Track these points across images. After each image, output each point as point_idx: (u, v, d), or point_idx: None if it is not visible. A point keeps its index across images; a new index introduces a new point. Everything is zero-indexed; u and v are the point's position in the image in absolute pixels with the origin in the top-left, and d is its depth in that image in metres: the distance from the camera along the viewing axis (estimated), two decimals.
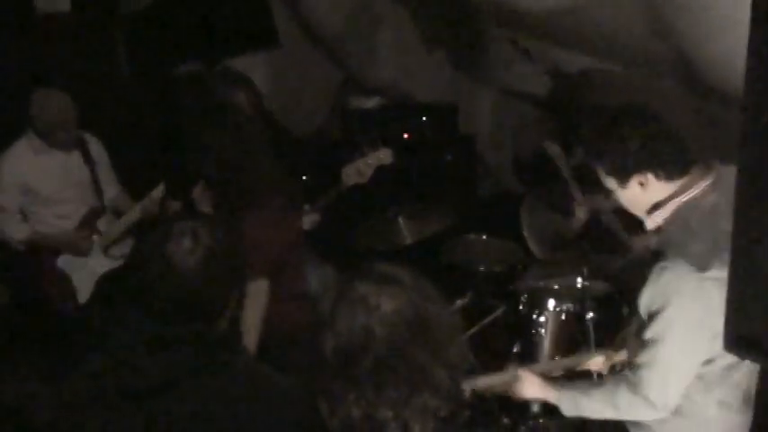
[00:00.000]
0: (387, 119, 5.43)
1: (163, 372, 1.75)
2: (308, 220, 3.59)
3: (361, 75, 5.53)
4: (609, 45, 3.61)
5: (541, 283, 3.55)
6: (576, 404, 2.33)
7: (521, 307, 3.41)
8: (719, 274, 1.99)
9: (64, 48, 5.01)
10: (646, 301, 2.20)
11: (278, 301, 2.97)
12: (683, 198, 2.18)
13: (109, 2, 5.19)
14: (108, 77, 5.22)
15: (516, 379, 2.45)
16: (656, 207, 2.22)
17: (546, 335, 3.23)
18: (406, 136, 5.33)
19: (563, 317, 3.28)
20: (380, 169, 3.65)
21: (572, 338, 3.24)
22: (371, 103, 5.57)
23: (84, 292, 4.04)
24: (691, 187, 2.18)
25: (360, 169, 3.58)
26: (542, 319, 3.29)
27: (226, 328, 1.94)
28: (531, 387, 2.43)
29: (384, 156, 3.63)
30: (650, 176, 2.19)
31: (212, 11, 5.12)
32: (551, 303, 3.32)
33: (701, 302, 2.09)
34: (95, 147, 4.10)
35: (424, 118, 5.35)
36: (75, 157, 3.99)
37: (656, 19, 3.21)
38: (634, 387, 2.19)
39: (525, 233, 4.15)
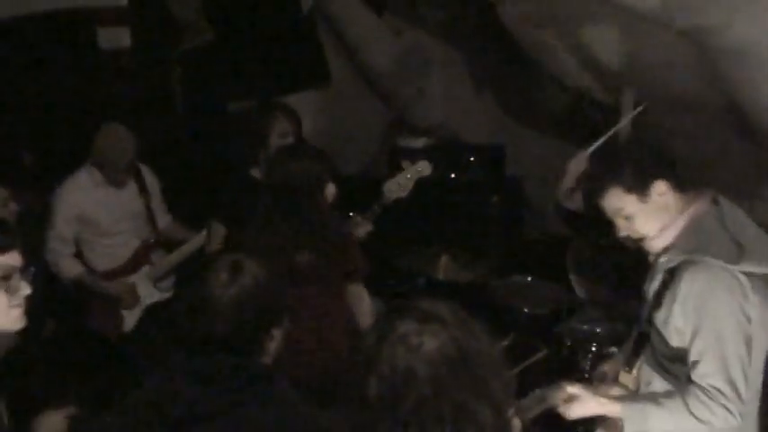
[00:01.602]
0: (434, 159, 5.45)
1: (204, 403, 1.77)
2: (362, 230, 3.64)
3: (410, 115, 5.58)
4: (662, 90, 3.61)
5: (585, 327, 3.52)
6: (645, 415, 2.25)
7: (564, 350, 3.38)
8: (752, 269, 2.12)
9: (124, 82, 5.15)
10: (678, 315, 2.22)
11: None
12: (691, 213, 2.28)
13: (168, 38, 5.34)
14: (163, 111, 5.35)
15: (569, 397, 2.38)
16: (662, 230, 2.31)
17: (589, 378, 3.20)
18: (453, 176, 5.36)
19: (606, 361, 3.24)
20: (427, 206, 3.67)
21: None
22: (420, 142, 5.62)
23: (130, 321, 4.09)
24: (690, 207, 2.30)
25: (400, 183, 3.62)
26: (586, 362, 3.26)
27: (268, 363, 1.97)
28: (588, 403, 2.34)
29: (423, 167, 3.66)
30: (668, 185, 2.29)
31: (266, 49, 5.23)
32: (595, 347, 3.29)
33: (738, 294, 2.14)
34: (149, 177, 4.16)
35: (471, 158, 5.37)
36: (132, 189, 4.05)
37: (710, 67, 3.21)
38: (708, 395, 2.17)
39: (571, 276, 4.12)
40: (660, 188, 2.29)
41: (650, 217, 2.32)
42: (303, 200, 3.03)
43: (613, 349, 3.24)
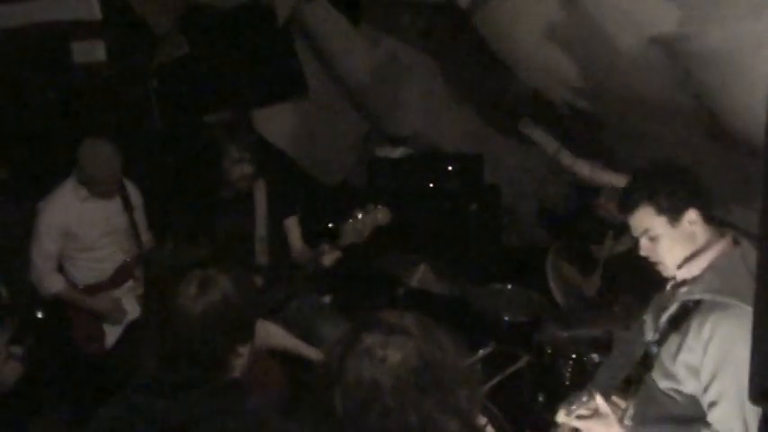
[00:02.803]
0: (412, 168, 5.48)
1: (173, 417, 1.77)
2: (329, 258, 3.63)
3: (387, 125, 5.59)
4: (632, 95, 3.63)
5: (566, 334, 3.53)
6: None
7: (545, 358, 3.39)
8: None
9: (99, 96, 5.13)
10: (695, 353, 2.18)
11: None
12: (718, 250, 2.28)
13: (144, 52, 5.32)
14: (141, 125, 5.32)
15: (596, 412, 2.36)
16: (687, 260, 2.30)
17: (570, 385, 3.20)
18: (431, 185, 5.37)
19: (587, 367, 3.25)
20: (406, 216, 3.66)
21: None
22: (398, 152, 5.63)
23: (111, 337, 4.06)
24: (716, 242, 2.29)
25: (357, 228, 3.60)
26: (566, 369, 3.26)
27: (238, 377, 1.96)
28: (612, 428, 2.33)
29: (382, 216, 3.64)
30: (699, 216, 2.29)
31: (243, 61, 5.23)
32: (575, 354, 3.30)
33: None
34: (133, 192, 4.15)
35: (449, 168, 5.39)
36: (116, 204, 4.03)
37: (681, 70, 3.23)
38: None
39: (551, 283, 4.14)
40: (692, 216, 2.29)
41: (676, 243, 2.32)
42: None
43: (594, 356, 3.25)
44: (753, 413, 2.12)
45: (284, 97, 5.43)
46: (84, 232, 3.92)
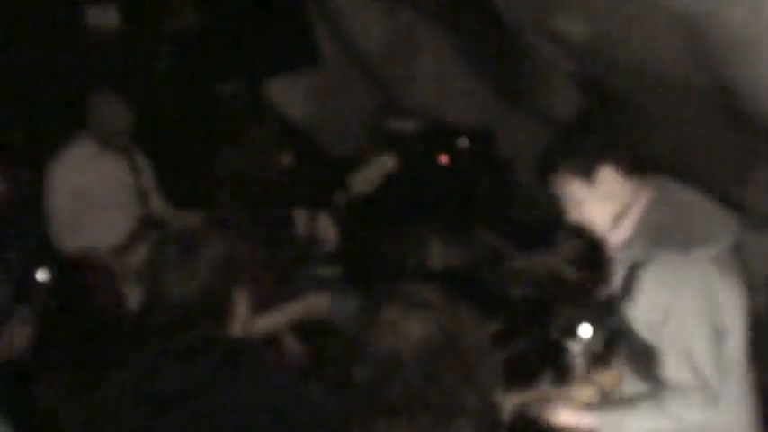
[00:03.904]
0: (424, 142, 5.45)
1: (184, 381, 1.75)
2: (329, 234, 3.59)
3: (399, 97, 5.56)
4: (647, 70, 3.59)
5: (576, 310, 3.52)
6: (621, 424, 2.27)
7: (553, 333, 3.38)
8: (704, 253, 2.10)
9: (111, 60, 5.12)
10: (646, 311, 2.20)
11: None
12: (643, 204, 2.23)
13: (156, 18, 5.29)
14: (153, 90, 5.31)
15: (549, 401, 2.41)
16: (615, 221, 2.26)
17: (579, 362, 3.20)
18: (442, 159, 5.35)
19: (597, 344, 3.24)
20: (416, 190, 3.64)
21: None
22: (409, 125, 5.61)
23: (132, 299, 4.03)
24: (642, 195, 2.24)
25: (366, 177, 3.54)
26: (575, 346, 3.25)
27: (244, 338, 1.94)
28: (563, 414, 2.37)
29: (383, 163, 3.58)
30: (615, 171, 2.24)
31: (255, 29, 5.20)
32: (584, 331, 3.29)
33: (704, 285, 2.12)
34: (139, 157, 4.18)
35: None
36: (124, 165, 4.07)
37: (698, 49, 3.19)
38: (678, 392, 2.17)
39: (559, 259, 4.13)
40: (606, 173, 2.24)
41: (598, 204, 2.27)
42: None
43: (603, 332, 3.25)
44: (705, 360, 2.13)
45: (297, 67, 5.41)
46: (94, 190, 3.95)
